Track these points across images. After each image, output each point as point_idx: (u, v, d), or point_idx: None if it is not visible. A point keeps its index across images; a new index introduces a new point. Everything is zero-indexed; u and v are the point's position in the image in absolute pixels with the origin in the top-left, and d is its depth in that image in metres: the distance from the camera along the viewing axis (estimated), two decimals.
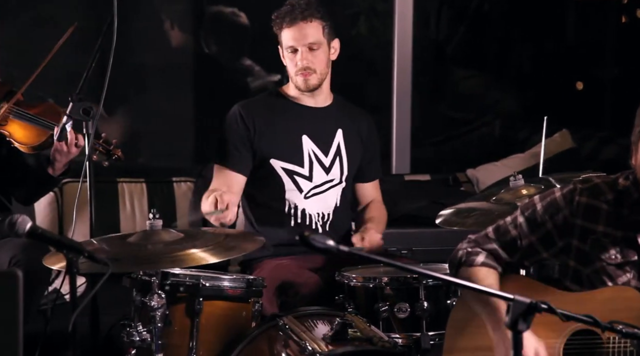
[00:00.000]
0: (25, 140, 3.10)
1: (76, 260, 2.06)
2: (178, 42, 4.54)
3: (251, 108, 3.21)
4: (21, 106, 3.13)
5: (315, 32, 3.14)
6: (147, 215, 2.68)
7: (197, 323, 2.60)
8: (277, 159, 3.19)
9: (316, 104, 3.25)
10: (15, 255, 2.95)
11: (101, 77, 2.81)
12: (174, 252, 2.48)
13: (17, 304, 1.43)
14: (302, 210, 3.20)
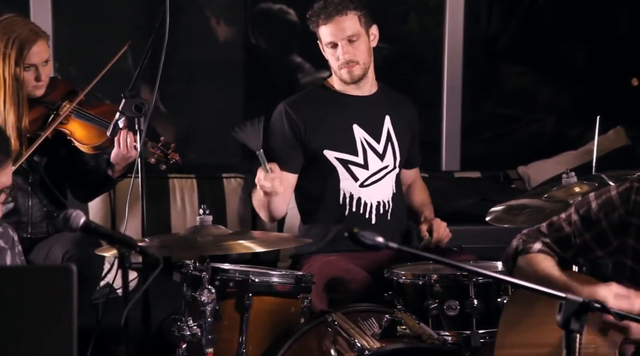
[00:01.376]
0: (86, 140, 3.15)
1: (128, 254, 2.09)
2: (228, 38, 4.56)
3: (298, 104, 3.21)
4: (83, 106, 3.18)
5: (352, 24, 3.13)
6: (197, 211, 2.70)
7: (246, 318, 2.62)
8: (331, 150, 3.18)
9: (362, 93, 3.24)
10: (69, 250, 3.00)
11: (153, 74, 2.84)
12: (223, 242, 2.52)
13: (72, 298, 1.45)
14: (357, 198, 3.20)
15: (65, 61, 4.02)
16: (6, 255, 2.18)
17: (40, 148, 3.16)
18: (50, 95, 3.20)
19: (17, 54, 3.07)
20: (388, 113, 3.26)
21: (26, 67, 3.09)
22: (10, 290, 1.46)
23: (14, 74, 3.07)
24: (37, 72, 3.12)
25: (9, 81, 3.07)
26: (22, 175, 3.16)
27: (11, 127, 3.07)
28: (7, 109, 3.08)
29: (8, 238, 2.21)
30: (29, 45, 3.08)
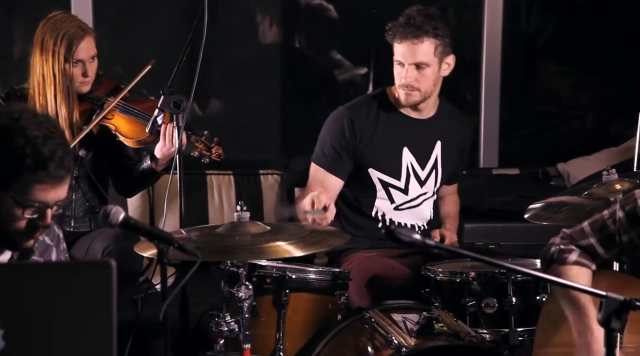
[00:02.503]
0: (130, 134, 3.19)
1: (167, 250, 2.10)
2: (266, 35, 4.57)
3: (360, 116, 3.15)
4: (127, 101, 3.22)
5: (425, 51, 3.03)
6: (234, 207, 2.71)
7: (283, 314, 2.62)
8: (375, 170, 3.16)
9: (420, 116, 3.19)
10: (109, 246, 3.04)
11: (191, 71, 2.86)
12: (260, 244, 2.51)
13: (112, 293, 1.47)
14: (389, 219, 3.18)
15: (110, 59, 4.07)
16: (51, 251, 2.21)
17: (86, 143, 3.20)
18: (96, 91, 3.25)
19: (66, 50, 3.11)
20: (440, 139, 3.21)
21: (74, 63, 3.14)
22: (52, 285, 1.48)
23: (63, 69, 3.12)
24: (84, 68, 3.16)
25: (58, 76, 3.12)
26: None
27: (63, 120, 3.13)
28: (58, 104, 3.13)
29: (53, 235, 2.23)
30: (77, 41, 3.13)
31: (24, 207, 1.97)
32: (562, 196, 3.14)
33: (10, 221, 1.98)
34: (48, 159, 1.94)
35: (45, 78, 3.12)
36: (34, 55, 3.14)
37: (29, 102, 3.14)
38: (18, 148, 1.93)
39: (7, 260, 2.08)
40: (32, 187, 1.95)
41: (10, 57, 4.19)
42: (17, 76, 3.37)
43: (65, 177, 1.99)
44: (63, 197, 2.01)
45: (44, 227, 2.02)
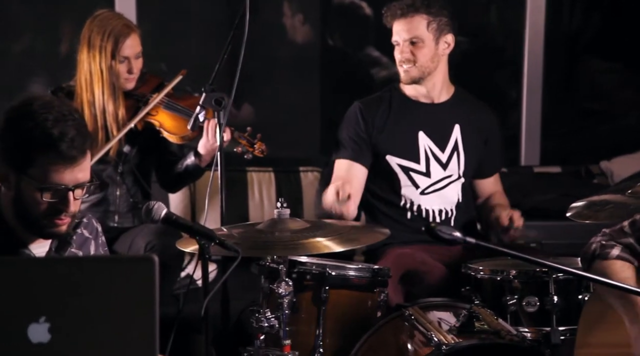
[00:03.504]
0: (174, 130, 3.22)
1: (208, 246, 2.12)
2: (306, 33, 4.58)
3: (370, 106, 3.23)
4: (171, 98, 3.26)
5: (417, 27, 3.12)
6: (274, 204, 2.73)
7: (323, 311, 2.63)
8: (393, 155, 3.18)
9: (432, 101, 3.23)
10: (151, 241, 3.07)
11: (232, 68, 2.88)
12: (300, 240, 2.52)
13: (154, 288, 1.48)
14: (417, 205, 3.19)
15: (153, 57, 4.11)
16: (90, 245, 2.24)
17: (130, 139, 3.24)
18: (140, 88, 3.28)
19: (113, 47, 3.16)
20: (459, 122, 3.23)
21: (120, 60, 3.18)
22: (95, 279, 1.49)
23: (110, 66, 3.16)
24: (129, 65, 3.20)
25: (105, 73, 3.16)
26: (112, 165, 3.25)
27: (110, 116, 3.17)
28: (106, 100, 3.17)
29: (92, 228, 2.26)
30: (123, 38, 3.17)
31: (42, 190, 1.99)
32: (604, 194, 3.10)
33: (32, 206, 2.01)
34: (58, 139, 1.96)
35: (93, 75, 3.16)
36: (81, 52, 3.19)
37: (75, 99, 3.18)
38: (27, 131, 1.97)
39: (46, 252, 2.11)
40: (46, 169, 1.98)
41: (57, 56, 4.26)
42: (64, 74, 3.42)
43: (78, 157, 1.99)
44: (83, 179, 2.02)
45: (67, 212, 2.04)
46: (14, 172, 2.00)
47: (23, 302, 1.44)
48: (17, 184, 2.01)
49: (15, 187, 2.02)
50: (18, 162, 1.99)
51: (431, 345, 2.40)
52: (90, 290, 1.48)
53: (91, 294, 1.48)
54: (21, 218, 2.05)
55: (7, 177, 2.02)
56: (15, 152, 1.99)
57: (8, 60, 4.20)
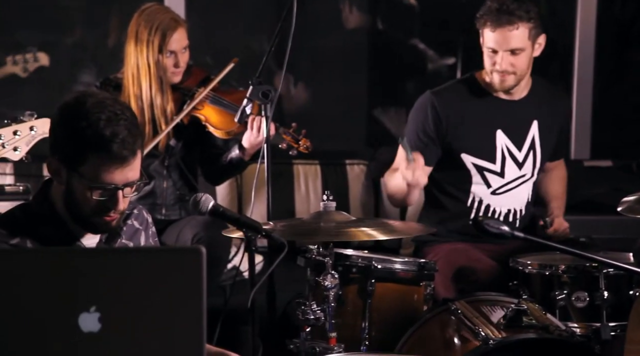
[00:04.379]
0: (220, 125, 3.24)
1: (254, 238, 2.13)
2: (354, 24, 4.57)
3: (445, 99, 3.11)
4: (217, 92, 3.27)
5: (520, 37, 2.99)
6: (320, 197, 2.73)
7: (369, 304, 2.62)
8: (469, 154, 3.11)
9: (512, 97, 3.13)
10: (198, 233, 3.09)
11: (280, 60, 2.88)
12: (345, 229, 2.53)
13: (202, 279, 1.49)
14: (486, 205, 3.14)
15: (200, 50, 4.14)
16: (140, 236, 2.26)
17: (176, 133, 3.27)
18: (186, 82, 3.31)
19: (160, 41, 3.18)
20: (536, 118, 3.15)
21: (167, 54, 3.20)
22: (144, 270, 1.51)
23: (157, 60, 3.19)
24: (176, 59, 3.22)
25: (152, 67, 3.19)
26: (158, 158, 3.28)
27: (158, 109, 3.19)
28: (153, 93, 3.20)
29: (142, 219, 2.28)
30: (170, 32, 3.19)
31: (92, 189, 2.01)
32: None
33: (82, 203, 2.03)
34: (109, 140, 1.97)
35: (140, 68, 3.19)
36: (129, 46, 3.22)
37: (123, 92, 3.22)
38: (80, 130, 1.98)
39: (96, 243, 2.14)
40: (97, 168, 1.99)
41: (106, 48, 4.31)
42: (112, 66, 3.47)
43: (129, 157, 2.01)
44: (133, 178, 2.04)
45: (116, 210, 2.06)
46: (66, 167, 2.03)
47: (74, 292, 1.46)
48: (69, 180, 2.04)
49: (67, 182, 2.04)
50: (70, 159, 2.02)
51: (478, 340, 2.38)
52: (139, 280, 1.50)
53: (140, 284, 1.49)
54: (71, 212, 2.07)
55: (59, 171, 2.05)
56: (67, 149, 2.01)
57: (60, 52, 4.27)
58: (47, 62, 4.12)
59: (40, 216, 2.09)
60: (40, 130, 2.56)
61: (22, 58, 4.07)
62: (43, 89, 4.20)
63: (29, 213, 2.10)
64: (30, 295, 1.45)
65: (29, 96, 4.22)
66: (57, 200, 2.09)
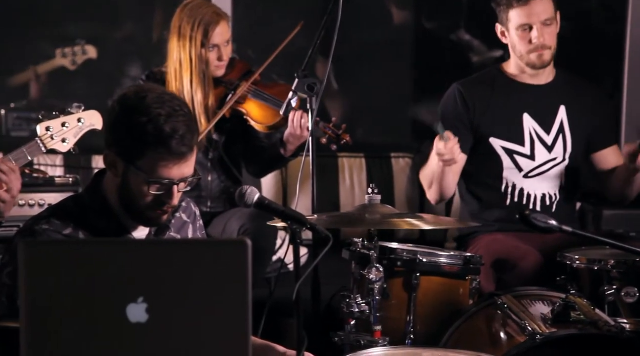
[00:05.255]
0: (262, 119, 3.25)
1: (299, 231, 2.13)
2: (399, 18, 4.55)
3: (471, 87, 3.18)
4: (259, 86, 3.28)
5: (549, 7, 3.07)
6: (365, 190, 2.72)
7: (414, 297, 2.62)
8: (497, 138, 3.14)
9: (538, 82, 3.17)
10: (244, 225, 3.11)
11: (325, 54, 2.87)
12: (390, 220, 2.53)
13: (247, 271, 1.50)
14: (520, 189, 3.13)
15: (243, 43, 4.16)
16: (188, 228, 2.28)
17: (219, 127, 3.29)
18: (229, 76, 3.32)
19: (203, 36, 3.20)
20: (564, 103, 3.17)
21: (210, 48, 3.22)
22: (191, 262, 1.52)
23: (200, 54, 3.21)
24: (219, 52, 3.24)
25: (195, 61, 3.21)
26: (203, 152, 3.31)
27: (199, 105, 3.22)
28: (194, 88, 3.22)
29: (190, 212, 2.31)
30: (213, 26, 3.21)
31: (149, 184, 2.03)
32: None
33: (138, 197, 2.05)
34: (169, 136, 1.99)
35: (183, 63, 3.21)
36: (172, 41, 3.24)
37: (166, 86, 3.24)
38: (141, 126, 2.00)
39: (145, 235, 2.16)
40: (155, 164, 2.01)
41: (151, 41, 4.35)
42: (156, 61, 3.50)
43: (187, 154, 2.03)
44: (188, 174, 2.06)
45: (171, 205, 2.08)
46: (123, 161, 2.05)
47: (123, 283, 1.48)
48: (125, 173, 2.06)
49: (123, 175, 2.07)
50: (128, 153, 2.04)
51: (525, 335, 2.36)
52: (186, 272, 1.51)
53: (186, 276, 1.51)
54: (125, 205, 2.10)
55: (115, 165, 2.07)
56: (126, 143, 2.03)
57: (109, 45, 4.32)
58: (95, 55, 4.17)
59: (92, 208, 2.12)
60: (87, 122, 2.60)
61: (71, 51, 4.14)
62: (91, 81, 4.26)
63: (81, 204, 2.13)
64: (81, 285, 1.47)
65: (77, 88, 4.28)
66: (109, 193, 2.12)
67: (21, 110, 4.23)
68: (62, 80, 4.25)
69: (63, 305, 1.47)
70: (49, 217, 2.09)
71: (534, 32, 3.05)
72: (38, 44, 4.29)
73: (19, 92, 4.26)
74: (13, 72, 4.23)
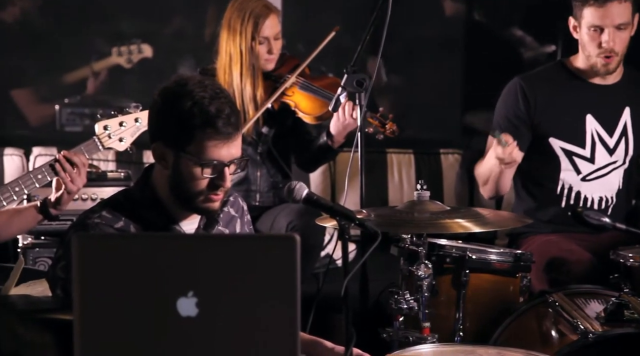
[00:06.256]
0: (309, 110, 3.26)
1: (348, 226, 2.13)
2: (450, 12, 4.51)
3: (533, 82, 3.09)
4: (307, 78, 3.29)
5: (625, 12, 2.95)
6: (414, 186, 2.71)
7: (463, 294, 2.60)
8: (557, 138, 3.06)
9: (604, 82, 3.07)
10: (292, 220, 3.12)
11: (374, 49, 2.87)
12: (439, 219, 2.51)
13: (296, 266, 1.50)
14: (576, 192, 3.07)
15: (293, 38, 4.17)
16: (236, 223, 2.30)
17: (268, 121, 3.31)
18: (279, 70, 3.34)
19: (253, 29, 3.22)
20: (629, 104, 3.08)
21: (260, 41, 3.24)
22: (240, 257, 1.53)
23: (250, 47, 3.23)
24: (269, 46, 3.26)
25: (245, 55, 3.23)
26: (252, 146, 3.33)
27: (248, 97, 3.24)
28: (243, 81, 3.24)
29: (238, 207, 2.32)
30: (263, 19, 3.22)
31: (203, 166, 2.06)
32: None
33: (191, 182, 2.08)
34: (215, 116, 2.03)
35: (232, 56, 3.23)
36: (222, 35, 3.27)
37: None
38: (187, 109, 2.03)
39: (194, 229, 2.18)
40: (205, 145, 2.04)
41: (203, 38, 4.38)
42: (208, 57, 3.52)
43: (233, 134, 2.06)
44: (237, 155, 2.09)
45: (223, 187, 2.10)
46: (173, 150, 2.08)
47: (173, 277, 1.49)
48: (175, 162, 2.08)
49: (173, 165, 2.09)
50: (177, 140, 2.06)
51: (577, 333, 2.33)
52: (235, 267, 1.52)
53: (235, 271, 1.52)
54: (178, 195, 2.12)
55: (164, 156, 2.10)
56: (175, 130, 2.06)
57: (159, 42, 4.36)
58: (151, 54, 4.22)
59: (142, 201, 2.14)
60: (144, 122, 2.64)
61: (127, 49, 4.19)
62: (144, 78, 4.30)
63: (131, 198, 2.16)
64: (133, 278, 1.49)
65: (129, 84, 4.33)
66: (158, 186, 2.14)
67: (75, 106, 4.30)
68: (115, 77, 4.31)
69: (115, 298, 1.49)
70: (101, 211, 2.12)
71: (604, 35, 2.95)
72: (92, 41, 4.35)
73: (73, 87, 4.33)
74: (68, 68, 4.30)
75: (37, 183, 2.58)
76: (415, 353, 2.29)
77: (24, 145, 3.96)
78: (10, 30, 4.26)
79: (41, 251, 3.18)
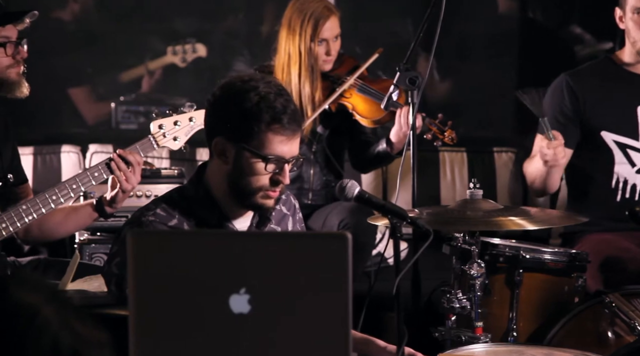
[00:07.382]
0: (367, 113, 3.26)
1: (400, 225, 2.12)
2: (505, 8, 4.46)
3: (580, 78, 3.07)
4: (365, 81, 3.29)
5: None
6: (467, 185, 2.69)
7: (517, 294, 2.57)
8: (609, 131, 3.03)
9: None
10: (344, 218, 3.13)
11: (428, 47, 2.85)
12: (492, 217, 2.49)
13: (347, 264, 1.50)
14: (632, 185, 3.02)
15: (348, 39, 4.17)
16: (288, 221, 2.31)
17: (323, 121, 3.31)
18: (337, 70, 3.34)
19: (312, 30, 3.23)
20: None
21: (319, 42, 3.25)
22: (291, 254, 1.53)
23: (309, 48, 3.24)
24: (327, 47, 3.27)
25: (304, 55, 3.24)
26: (306, 144, 3.34)
27: (307, 98, 3.25)
28: (302, 81, 3.25)
29: (290, 205, 2.33)
30: (323, 21, 3.23)
31: (267, 161, 2.06)
32: None
33: (252, 178, 2.08)
34: (282, 112, 2.04)
35: (291, 56, 3.25)
36: (281, 34, 3.28)
37: None
38: (254, 104, 2.05)
39: (247, 227, 2.19)
40: (270, 140, 2.06)
41: (259, 36, 4.40)
42: (264, 54, 3.54)
43: (297, 131, 2.08)
44: (296, 152, 2.11)
45: (283, 185, 2.11)
46: (235, 145, 2.08)
47: (226, 273, 1.50)
48: (237, 157, 2.09)
49: (235, 159, 2.10)
50: (241, 134, 2.07)
51: (634, 334, 2.29)
52: (287, 264, 1.52)
53: (287, 268, 1.52)
54: (236, 190, 2.12)
55: (225, 151, 2.11)
56: (238, 125, 2.07)
57: (214, 39, 4.39)
58: (205, 53, 4.26)
59: (195, 198, 2.16)
60: (199, 122, 2.66)
61: (181, 49, 4.24)
62: (197, 76, 4.34)
63: (185, 195, 2.18)
64: (186, 275, 1.51)
65: (184, 84, 4.37)
66: (212, 183, 2.16)
67: (129, 104, 4.36)
68: (169, 76, 4.35)
69: (169, 294, 1.50)
70: (155, 209, 2.14)
71: None
72: (148, 40, 4.40)
73: (128, 86, 4.39)
74: (124, 67, 4.36)
75: (94, 181, 2.62)
76: (467, 353, 2.28)
77: (80, 143, 4.03)
78: (68, 30, 4.34)
79: (97, 247, 3.24)
